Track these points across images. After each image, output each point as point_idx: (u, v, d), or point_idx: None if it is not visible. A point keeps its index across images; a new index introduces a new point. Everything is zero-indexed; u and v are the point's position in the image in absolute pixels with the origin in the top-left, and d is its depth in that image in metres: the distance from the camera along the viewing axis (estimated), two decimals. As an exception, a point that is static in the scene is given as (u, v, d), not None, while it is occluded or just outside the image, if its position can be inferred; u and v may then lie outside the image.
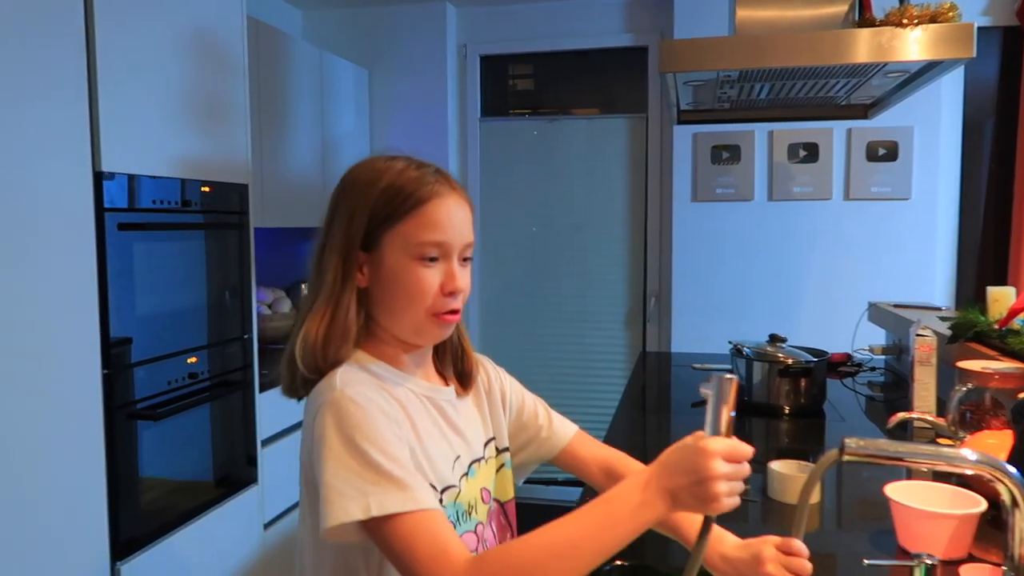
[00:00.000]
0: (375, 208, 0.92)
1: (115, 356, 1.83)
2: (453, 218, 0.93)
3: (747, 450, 0.79)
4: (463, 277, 0.95)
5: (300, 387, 0.96)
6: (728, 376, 0.79)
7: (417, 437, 0.92)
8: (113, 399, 1.81)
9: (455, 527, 0.93)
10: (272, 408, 2.48)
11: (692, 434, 0.80)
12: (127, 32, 1.85)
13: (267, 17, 3.02)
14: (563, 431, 1.13)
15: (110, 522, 1.78)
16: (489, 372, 1.11)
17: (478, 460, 1.02)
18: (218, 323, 2.23)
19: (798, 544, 0.89)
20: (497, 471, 1.06)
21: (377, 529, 0.80)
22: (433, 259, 0.92)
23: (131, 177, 1.88)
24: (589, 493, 1.44)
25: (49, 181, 1.64)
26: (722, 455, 0.76)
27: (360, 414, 0.84)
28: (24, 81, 1.58)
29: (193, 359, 2.11)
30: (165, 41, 1.99)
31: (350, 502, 0.79)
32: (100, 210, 1.77)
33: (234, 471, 2.29)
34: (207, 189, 2.17)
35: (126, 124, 1.85)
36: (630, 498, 0.78)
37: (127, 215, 1.87)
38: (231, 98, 2.26)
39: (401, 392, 0.94)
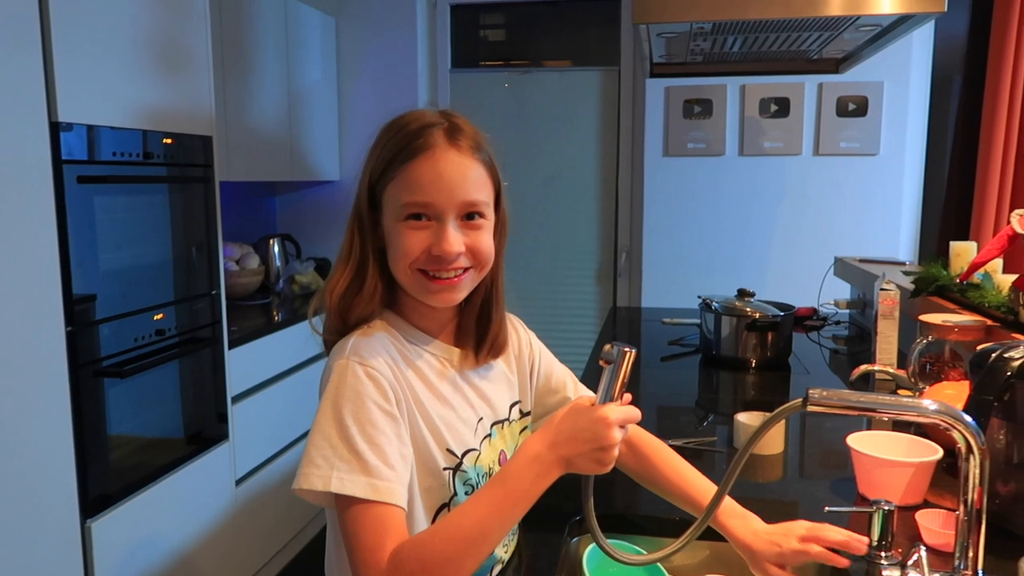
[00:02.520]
0: (375, 167, 0.91)
1: (79, 313, 1.79)
2: (443, 175, 0.87)
3: (638, 415, 0.83)
4: (464, 238, 0.90)
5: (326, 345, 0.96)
6: (627, 348, 0.81)
7: (432, 409, 0.92)
8: (78, 357, 1.78)
9: (472, 492, 0.94)
10: (242, 365, 2.47)
11: (580, 398, 0.84)
12: (80, -24, 1.77)
13: (228, -38, 2.91)
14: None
15: (79, 480, 1.77)
16: (520, 335, 1.11)
17: (501, 422, 1.02)
18: (185, 279, 2.20)
19: (831, 531, 0.92)
20: (520, 433, 1.07)
21: (336, 503, 0.82)
22: (420, 217, 0.88)
23: (90, 128, 1.82)
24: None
25: (2, 132, 1.58)
26: (619, 423, 0.80)
27: (357, 388, 0.84)
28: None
29: (160, 316, 2.08)
30: (121, -14, 1.91)
31: (315, 471, 0.80)
32: (58, 162, 1.71)
33: (205, 428, 2.29)
34: (169, 141, 2.11)
35: (83, 72, 1.79)
36: (527, 472, 0.80)
37: (87, 167, 1.81)
38: (192, 45, 2.19)
39: (422, 358, 0.94)
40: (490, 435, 0.99)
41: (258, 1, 2.88)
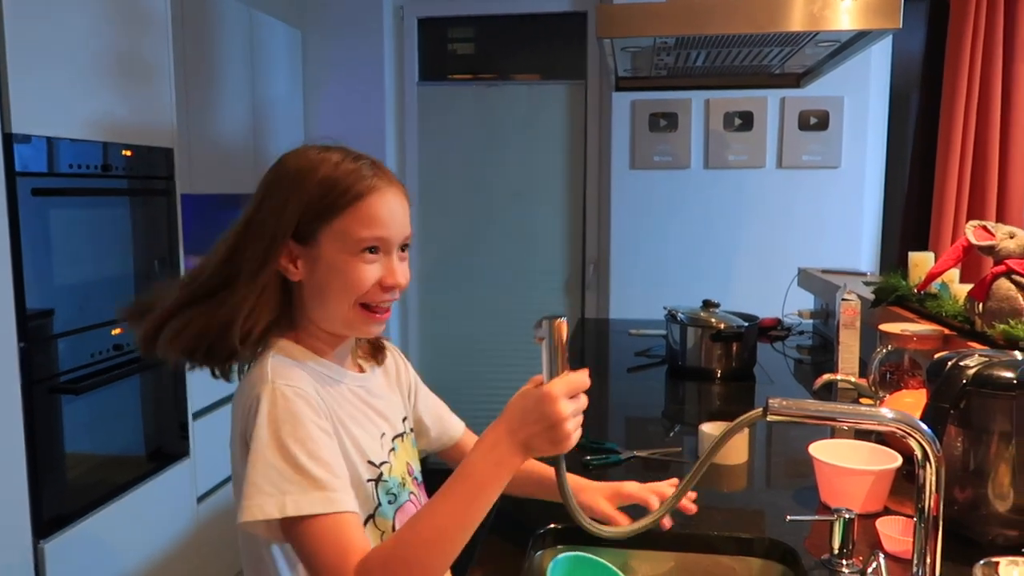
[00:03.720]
0: (310, 201, 0.90)
1: (34, 329, 1.75)
2: (393, 213, 0.92)
3: (585, 382, 0.81)
4: (402, 271, 0.95)
5: (148, 348, 0.96)
6: (557, 319, 0.81)
7: (350, 426, 0.93)
8: (32, 373, 1.73)
9: (394, 501, 0.97)
10: (203, 381, 2.39)
11: (530, 380, 0.84)
12: (37, -16, 1.74)
13: (192, -27, 2.88)
14: (453, 430, 1.20)
15: (31, 499, 1.72)
16: (396, 358, 1.14)
17: (400, 435, 1.05)
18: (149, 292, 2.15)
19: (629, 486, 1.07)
20: (412, 446, 1.10)
21: (290, 528, 0.81)
22: (373, 251, 0.91)
23: (47, 140, 1.78)
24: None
25: (-47, 143, 1.54)
26: (565, 395, 0.79)
27: (291, 409, 0.84)
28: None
29: (118, 330, 2.04)
30: (79, -5, 1.88)
31: (267, 499, 0.80)
32: (11, 174, 1.67)
33: (165, 445, 2.24)
34: (129, 153, 2.07)
35: (39, 83, 1.75)
36: (485, 463, 0.80)
37: (43, 180, 1.77)
38: (154, 57, 2.16)
39: (328, 378, 0.95)
40: (394, 448, 1.01)
41: (222, 13, 2.85)
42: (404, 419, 1.08)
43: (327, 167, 0.91)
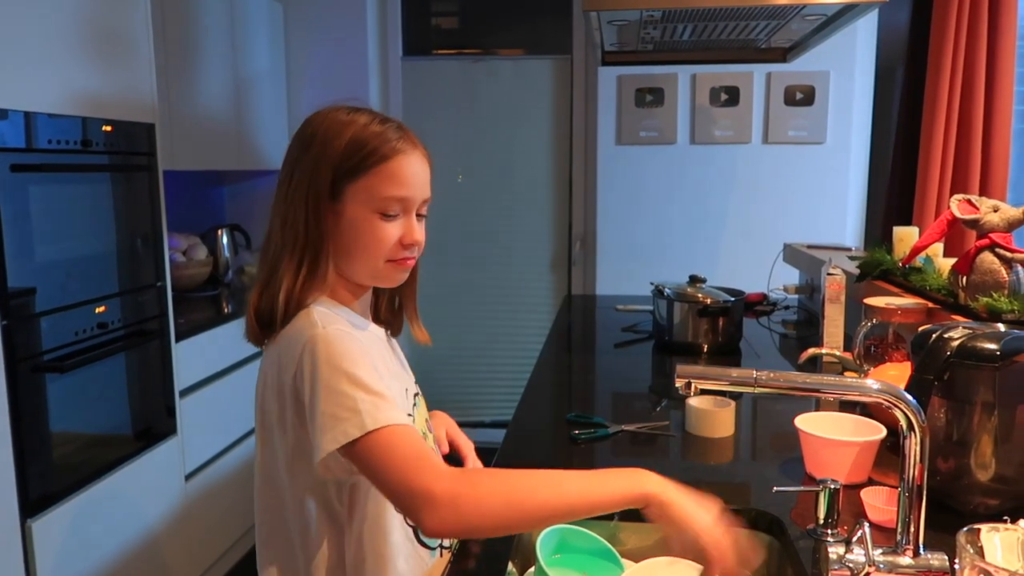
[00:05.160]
0: (339, 160, 0.94)
1: (16, 307, 1.72)
2: (416, 175, 0.97)
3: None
4: (420, 230, 1.00)
5: (265, 335, 0.98)
6: None
7: (383, 372, 0.96)
8: (15, 351, 1.72)
9: None
10: (190, 358, 2.41)
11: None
12: (11, -45, 1.70)
13: (170, -56, 2.82)
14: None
15: (18, 478, 1.71)
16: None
17: (417, 393, 1.12)
18: (129, 271, 2.13)
19: None
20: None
21: (365, 447, 0.83)
22: (393, 214, 0.96)
23: (25, 115, 1.75)
24: (511, 434, 1.47)
25: (-71, 118, 1.51)
26: (725, 553, 0.80)
27: (345, 345, 0.89)
28: None
29: (102, 308, 2.02)
30: (55, -34, 1.84)
31: (345, 423, 0.83)
32: (-10, 150, 1.64)
33: (153, 423, 2.23)
34: (109, 128, 2.04)
35: (16, 57, 1.71)
36: (623, 473, 0.85)
37: (22, 155, 1.74)
38: (132, 29, 2.12)
39: (365, 330, 1.01)
40: (416, 404, 1.08)
41: (202, -15, 2.80)
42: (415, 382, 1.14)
43: (356, 128, 0.95)
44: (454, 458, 1.21)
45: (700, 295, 2.08)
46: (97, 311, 2.00)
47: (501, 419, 3.71)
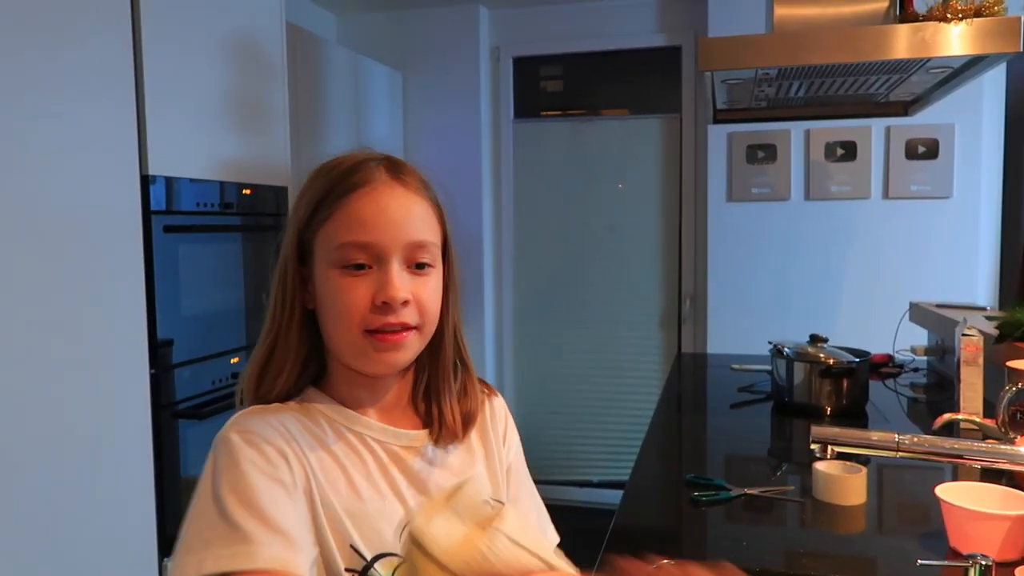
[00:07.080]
0: (302, 214, 0.79)
1: (161, 357, 1.86)
2: (385, 212, 0.76)
3: None
4: (409, 285, 0.77)
5: None
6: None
7: (347, 490, 0.77)
8: (159, 399, 1.85)
9: None
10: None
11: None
12: (171, 36, 1.89)
13: (302, 21, 3.06)
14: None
15: (158, 517, 1.82)
16: (497, 413, 0.92)
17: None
18: (257, 325, 2.25)
19: None
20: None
21: None
22: (360, 266, 0.76)
23: (174, 180, 1.92)
24: (629, 495, 1.44)
25: (99, 185, 1.68)
26: None
27: (236, 456, 0.72)
28: (74, 84, 1.62)
29: (236, 359, 2.15)
30: (207, 45, 2.03)
31: (191, 558, 0.68)
32: (147, 213, 1.81)
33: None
34: (248, 192, 2.20)
35: (171, 128, 1.89)
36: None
37: (171, 218, 1.91)
38: (271, 102, 2.30)
39: (341, 441, 0.79)
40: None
41: (330, 59, 3.01)
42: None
43: (323, 171, 0.80)
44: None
45: (822, 355, 2.00)
46: (232, 362, 2.13)
47: (610, 479, 3.65)
